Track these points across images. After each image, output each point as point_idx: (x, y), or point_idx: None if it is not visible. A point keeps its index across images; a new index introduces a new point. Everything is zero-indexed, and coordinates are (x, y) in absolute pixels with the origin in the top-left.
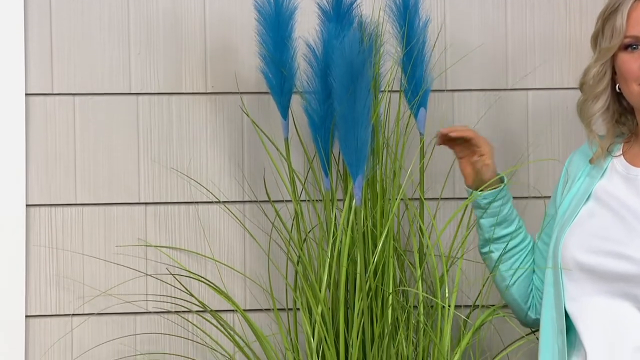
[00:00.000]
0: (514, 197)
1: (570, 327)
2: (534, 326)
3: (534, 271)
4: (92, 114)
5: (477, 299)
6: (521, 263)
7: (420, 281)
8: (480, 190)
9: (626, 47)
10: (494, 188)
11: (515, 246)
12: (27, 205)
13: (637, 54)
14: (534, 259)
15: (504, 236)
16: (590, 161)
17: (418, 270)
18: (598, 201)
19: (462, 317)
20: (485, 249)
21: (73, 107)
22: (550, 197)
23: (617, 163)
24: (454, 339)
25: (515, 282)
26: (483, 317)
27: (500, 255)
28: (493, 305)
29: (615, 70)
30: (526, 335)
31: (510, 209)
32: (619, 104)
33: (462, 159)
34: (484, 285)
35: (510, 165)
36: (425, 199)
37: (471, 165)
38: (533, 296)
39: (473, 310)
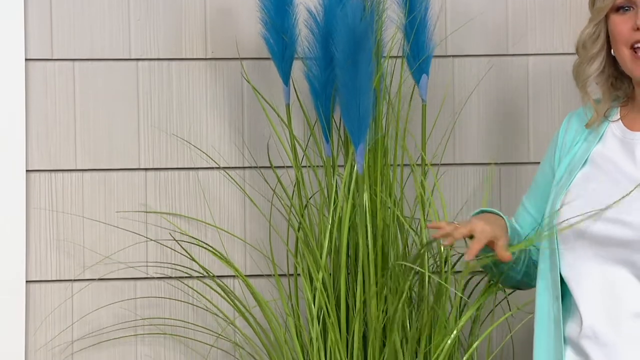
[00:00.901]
0: (513, 163)
1: (565, 294)
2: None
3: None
4: (92, 79)
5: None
6: (517, 267)
7: (422, 248)
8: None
9: (618, 9)
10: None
11: (521, 261)
12: (27, 170)
13: (629, 16)
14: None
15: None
16: (586, 126)
17: (423, 237)
18: (595, 166)
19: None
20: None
21: (73, 72)
22: None
23: (615, 127)
24: (455, 308)
25: (524, 275)
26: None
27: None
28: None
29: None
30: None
31: (514, 238)
32: (615, 67)
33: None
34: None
35: (510, 132)
36: (427, 164)
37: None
38: (535, 267)
39: (473, 282)
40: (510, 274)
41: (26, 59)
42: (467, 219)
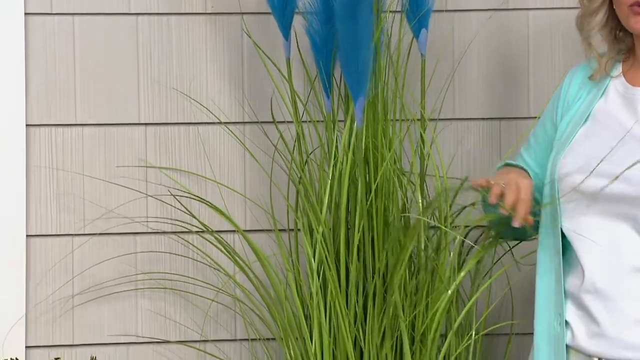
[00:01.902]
0: (514, 118)
1: (566, 249)
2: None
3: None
4: (92, 33)
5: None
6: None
7: (420, 202)
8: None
9: None
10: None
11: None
12: (27, 125)
13: None
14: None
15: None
16: (590, 77)
17: (418, 191)
18: (596, 122)
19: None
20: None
21: (72, 26)
22: None
23: (617, 83)
24: (454, 262)
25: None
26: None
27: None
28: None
29: None
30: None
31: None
32: (618, 20)
33: None
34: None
35: (510, 87)
36: (426, 119)
37: None
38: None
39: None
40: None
41: (25, 13)
42: (470, 173)
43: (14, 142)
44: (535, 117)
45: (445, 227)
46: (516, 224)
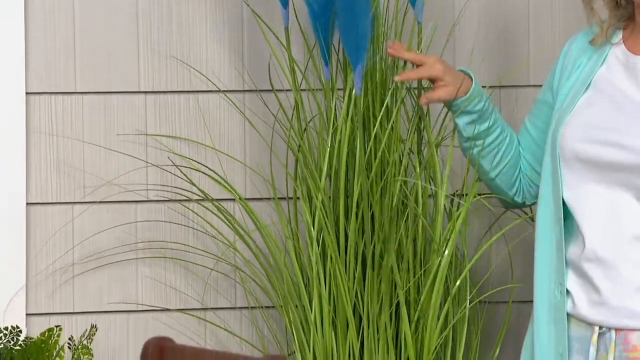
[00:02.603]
0: (515, 86)
1: (566, 218)
2: (519, 207)
3: (520, 157)
4: (92, 1)
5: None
6: (502, 157)
7: (418, 168)
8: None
9: None
10: (465, 92)
11: (492, 141)
12: (26, 93)
13: None
14: (519, 149)
15: (481, 132)
16: (591, 42)
17: (416, 158)
18: (597, 90)
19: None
20: (466, 145)
21: None
22: None
23: (618, 51)
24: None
25: (499, 174)
26: (466, 204)
27: (480, 152)
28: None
29: None
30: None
31: (485, 104)
32: None
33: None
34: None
35: (510, 54)
36: (424, 87)
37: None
38: (520, 180)
39: (461, 198)
40: (484, 164)
41: None
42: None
43: (13, 110)
44: (535, 86)
45: (442, 192)
46: (396, 78)
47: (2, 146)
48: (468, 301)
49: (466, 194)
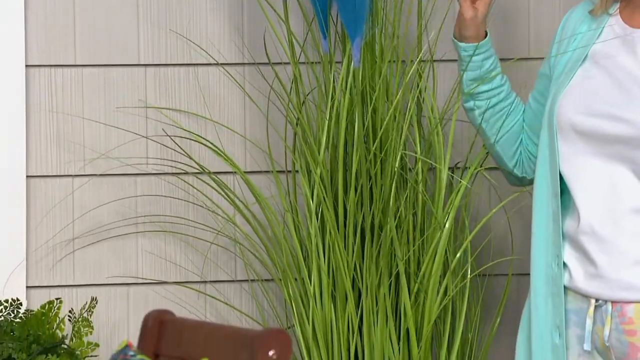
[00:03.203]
0: (514, 59)
1: (563, 191)
2: (520, 184)
3: (522, 128)
4: None
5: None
6: (504, 122)
7: (418, 140)
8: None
9: None
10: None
11: (496, 104)
12: (26, 66)
13: None
14: (522, 119)
15: (484, 92)
16: (591, 12)
17: (415, 130)
18: (594, 63)
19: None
20: (468, 104)
21: None
22: None
23: (614, 23)
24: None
25: (499, 139)
26: (468, 175)
27: (483, 113)
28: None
29: None
30: (518, 192)
31: (492, 65)
32: None
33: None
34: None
35: (510, 26)
36: (422, 60)
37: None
38: (520, 153)
39: (463, 171)
40: (485, 128)
41: None
42: (462, 113)
43: (13, 83)
44: (535, 58)
45: (440, 165)
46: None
47: (1, 118)
48: (468, 273)
49: (467, 167)
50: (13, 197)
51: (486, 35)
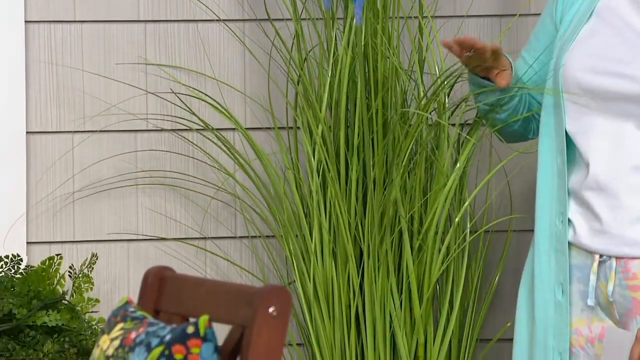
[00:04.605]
0: (515, 15)
1: (568, 146)
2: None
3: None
4: None
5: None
6: (519, 119)
7: (421, 99)
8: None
9: None
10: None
11: (513, 111)
12: (26, 21)
13: None
14: (528, 105)
15: (501, 107)
16: None
17: (420, 87)
18: (600, 19)
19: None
20: (481, 112)
21: None
22: None
23: None
24: (453, 158)
25: (516, 129)
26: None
27: (503, 121)
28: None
29: None
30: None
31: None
32: None
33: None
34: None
35: None
36: (424, 16)
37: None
38: (533, 121)
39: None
40: (507, 120)
41: None
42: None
43: (13, 39)
44: (536, 14)
45: (443, 121)
46: (502, 83)
47: (1, 75)
48: (468, 230)
49: (468, 123)
50: (13, 153)
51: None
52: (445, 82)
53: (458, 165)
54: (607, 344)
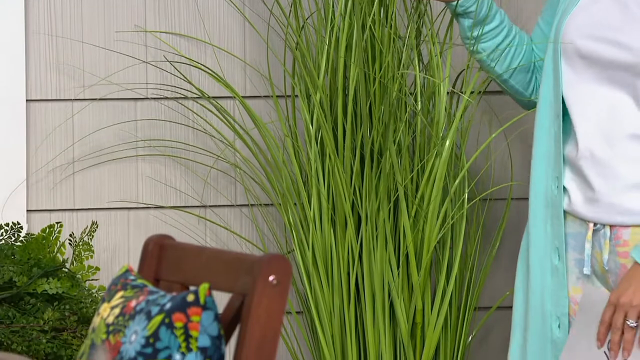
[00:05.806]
0: None
1: (565, 115)
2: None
3: (532, 56)
4: None
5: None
6: (513, 56)
7: (417, 64)
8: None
9: None
10: None
11: (501, 42)
12: None
13: None
14: (530, 48)
15: (487, 33)
16: None
17: (414, 53)
18: None
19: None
20: (472, 49)
21: None
22: None
23: None
24: (448, 125)
25: (512, 74)
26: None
27: (491, 54)
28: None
29: None
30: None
31: (488, 6)
32: None
33: None
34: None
35: None
36: None
37: None
38: (535, 79)
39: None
40: (497, 70)
41: None
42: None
43: (12, 8)
44: None
45: (439, 81)
46: None
47: (1, 44)
48: (466, 197)
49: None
50: (13, 121)
51: None
52: (442, 48)
53: (454, 124)
54: (582, 304)
